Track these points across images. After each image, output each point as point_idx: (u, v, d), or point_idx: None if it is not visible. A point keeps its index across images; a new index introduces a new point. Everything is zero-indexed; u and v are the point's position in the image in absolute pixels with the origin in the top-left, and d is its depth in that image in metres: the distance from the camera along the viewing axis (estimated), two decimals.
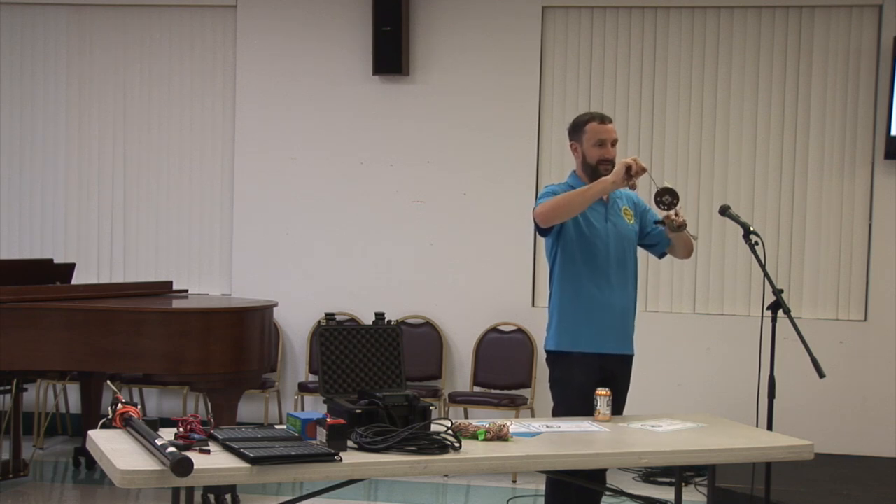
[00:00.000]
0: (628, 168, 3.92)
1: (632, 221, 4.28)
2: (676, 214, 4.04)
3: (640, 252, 4.38)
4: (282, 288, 7.01)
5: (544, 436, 3.58)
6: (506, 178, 6.93)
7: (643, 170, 3.94)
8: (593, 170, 4.17)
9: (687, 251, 4.30)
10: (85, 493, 6.05)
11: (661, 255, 4.43)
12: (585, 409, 3.93)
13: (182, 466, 2.77)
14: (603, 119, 4.22)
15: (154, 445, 2.94)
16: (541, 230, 4.15)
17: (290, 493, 5.44)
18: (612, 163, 4.16)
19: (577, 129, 4.24)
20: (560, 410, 4.13)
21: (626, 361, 4.25)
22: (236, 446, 3.06)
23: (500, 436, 3.48)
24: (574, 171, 4.28)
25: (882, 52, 6.65)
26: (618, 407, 4.14)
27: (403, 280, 7.12)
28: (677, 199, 3.99)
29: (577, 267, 4.15)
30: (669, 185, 4.01)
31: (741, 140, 6.87)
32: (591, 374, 4.07)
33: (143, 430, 3.11)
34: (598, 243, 4.15)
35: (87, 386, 6.32)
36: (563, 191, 4.15)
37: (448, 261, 7.09)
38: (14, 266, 6.17)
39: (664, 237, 4.28)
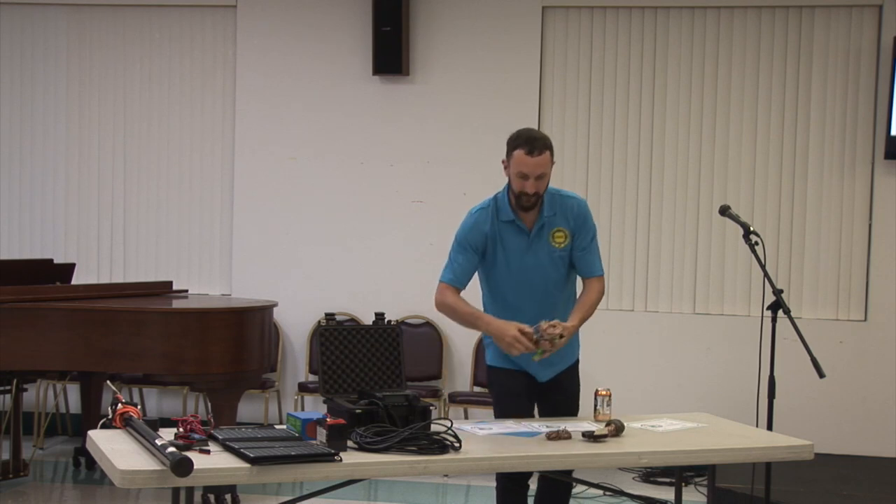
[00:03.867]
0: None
1: (563, 244, 3.99)
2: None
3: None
4: (282, 288, 7.00)
5: (545, 436, 3.57)
6: (506, 178, 6.91)
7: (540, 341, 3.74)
8: (516, 198, 3.94)
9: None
10: (85, 493, 6.06)
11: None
12: (522, 411, 3.94)
13: (182, 466, 2.77)
14: (532, 150, 3.80)
15: (154, 445, 2.94)
16: None
17: (290, 493, 5.44)
18: (535, 197, 3.87)
19: (508, 149, 3.90)
20: (497, 413, 4.10)
21: (564, 371, 4.11)
22: (236, 446, 3.06)
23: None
24: (507, 185, 4.02)
25: (882, 52, 6.64)
26: (572, 410, 4.12)
27: (403, 280, 7.11)
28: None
29: (499, 299, 4.07)
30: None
31: (741, 140, 6.87)
32: (524, 380, 4.06)
33: (143, 430, 3.11)
34: (517, 279, 4.00)
35: (87, 386, 6.31)
36: (480, 225, 3.97)
37: None
38: (14, 266, 6.17)
39: (582, 269, 4.03)
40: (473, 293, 4.14)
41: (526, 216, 3.99)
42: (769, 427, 4.01)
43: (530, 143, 3.83)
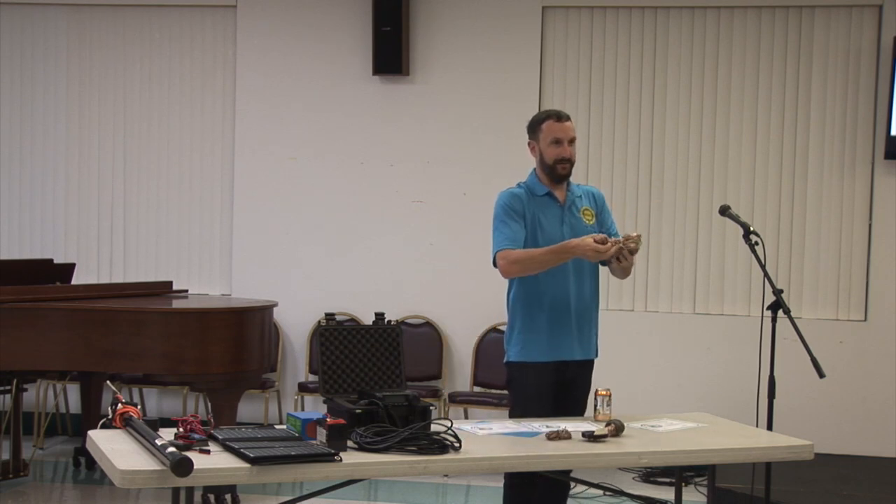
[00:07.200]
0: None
1: (591, 221, 4.20)
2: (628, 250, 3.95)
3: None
4: (282, 288, 7.00)
5: (544, 436, 3.57)
6: (506, 178, 6.88)
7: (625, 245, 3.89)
8: (551, 169, 4.14)
9: (625, 274, 4.19)
10: (85, 493, 6.06)
11: (602, 263, 4.23)
12: (542, 413, 3.95)
13: (182, 466, 2.77)
14: (559, 117, 4.15)
15: (154, 445, 2.94)
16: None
17: (290, 493, 5.44)
18: (569, 161, 4.13)
19: (533, 128, 4.19)
20: (516, 413, 4.10)
21: (585, 366, 4.21)
22: (236, 446, 3.06)
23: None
24: (534, 170, 4.23)
25: (882, 52, 6.64)
26: (579, 410, 4.16)
27: (403, 280, 7.11)
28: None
29: (534, 281, 4.07)
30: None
31: (741, 140, 6.87)
32: (548, 379, 4.07)
33: (143, 430, 3.11)
34: None
35: (87, 386, 6.31)
36: (518, 196, 4.11)
37: (448, 261, 7.09)
38: (14, 266, 6.17)
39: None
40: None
41: (558, 190, 4.17)
42: (769, 427, 4.01)
43: (556, 112, 4.18)
